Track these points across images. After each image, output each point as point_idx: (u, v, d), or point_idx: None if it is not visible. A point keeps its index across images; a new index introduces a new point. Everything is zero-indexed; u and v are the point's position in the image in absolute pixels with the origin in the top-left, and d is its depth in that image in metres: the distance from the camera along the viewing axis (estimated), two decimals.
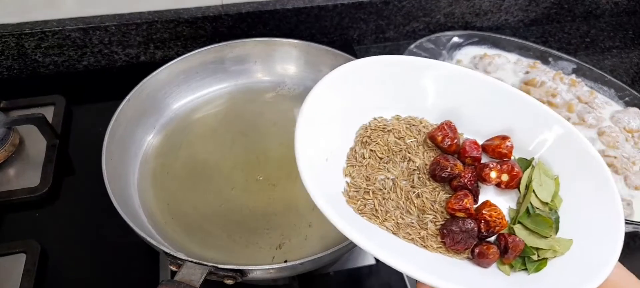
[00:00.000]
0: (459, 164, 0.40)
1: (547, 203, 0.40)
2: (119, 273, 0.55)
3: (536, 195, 0.40)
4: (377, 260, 0.33)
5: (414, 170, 0.41)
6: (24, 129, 0.68)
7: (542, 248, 0.37)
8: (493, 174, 0.40)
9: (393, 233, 0.37)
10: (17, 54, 0.76)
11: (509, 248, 0.37)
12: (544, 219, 0.38)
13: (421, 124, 0.44)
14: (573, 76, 0.75)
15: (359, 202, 0.38)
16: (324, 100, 0.40)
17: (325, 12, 0.83)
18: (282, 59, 0.72)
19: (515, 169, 0.40)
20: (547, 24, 0.96)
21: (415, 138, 0.42)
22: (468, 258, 0.38)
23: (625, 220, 0.54)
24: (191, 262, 0.45)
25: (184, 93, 0.69)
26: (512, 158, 0.42)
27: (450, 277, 0.33)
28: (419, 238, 0.37)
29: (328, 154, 0.40)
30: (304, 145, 0.37)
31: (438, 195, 0.40)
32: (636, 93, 0.70)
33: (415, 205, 0.39)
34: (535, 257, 0.37)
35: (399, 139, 0.42)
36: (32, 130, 0.66)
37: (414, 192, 0.39)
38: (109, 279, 0.55)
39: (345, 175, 0.40)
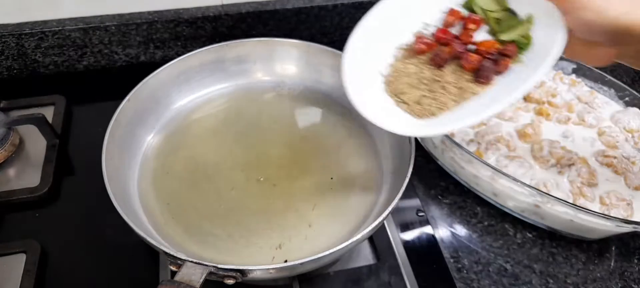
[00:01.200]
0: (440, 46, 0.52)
1: (497, 8, 0.51)
2: (119, 273, 0.55)
3: (486, 10, 0.51)
4: None
5: (434, 80, 0.51)
6: (24, 129, 0.68)
7: (521, 32, 0.49)
8: (471, 25, 0.52)
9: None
10: (17, 54, 0.76)
11: (509, 52, 0.49)
12: (507, 18, 0.50)
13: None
14: (573, 76, 0.75)
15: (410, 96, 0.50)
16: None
17: (325, 12, 0.83)
18: (282, 59, 0.72)
19: (466, 14, 0.52)
20: None
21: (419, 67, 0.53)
22: (498, 78, 0.49)
23: (625, 220, 0.54)
24: (191, 262, 0.45)
25: (184, 93, 0.69)
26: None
27: (511, 89, 0.46)
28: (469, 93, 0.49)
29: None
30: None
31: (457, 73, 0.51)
32: (636, 93, 0.70)
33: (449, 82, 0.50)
34: (524, 40, 0.49)
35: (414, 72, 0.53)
36: (32, 130, 0.66)
37: (442, 79, 0.50)
38: (109, 279, 0.55)
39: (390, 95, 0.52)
